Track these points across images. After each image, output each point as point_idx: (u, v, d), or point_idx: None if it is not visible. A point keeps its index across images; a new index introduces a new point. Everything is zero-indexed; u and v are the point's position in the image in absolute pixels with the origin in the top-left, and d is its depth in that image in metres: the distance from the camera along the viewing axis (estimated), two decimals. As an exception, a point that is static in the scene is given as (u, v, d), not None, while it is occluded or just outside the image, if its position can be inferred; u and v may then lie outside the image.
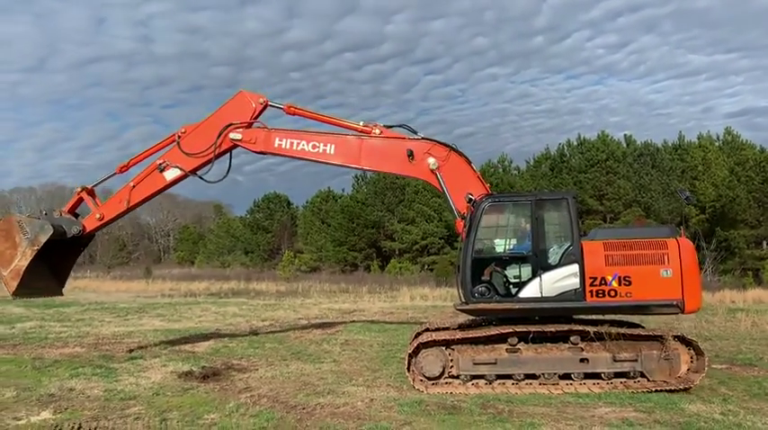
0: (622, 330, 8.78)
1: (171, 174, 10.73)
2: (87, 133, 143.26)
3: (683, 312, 8.78)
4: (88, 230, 11.07)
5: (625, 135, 48.95)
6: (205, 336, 14.67)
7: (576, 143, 47.59)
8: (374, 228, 51.71)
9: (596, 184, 43.47)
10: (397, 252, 50.49)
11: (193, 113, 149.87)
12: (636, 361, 8.76)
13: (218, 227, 72.66)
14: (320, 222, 55.40)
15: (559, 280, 8.87)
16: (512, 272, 9.27)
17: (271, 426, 6.99)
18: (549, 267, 8.99)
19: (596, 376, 8.84)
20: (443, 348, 9.06)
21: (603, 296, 8.73)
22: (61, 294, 12.03)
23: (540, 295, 8.89)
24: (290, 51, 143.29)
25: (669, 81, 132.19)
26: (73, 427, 6.92)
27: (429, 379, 8.93)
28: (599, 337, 8.74)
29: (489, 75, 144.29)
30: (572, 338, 8.84)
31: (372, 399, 8.21)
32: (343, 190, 59.03)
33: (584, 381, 8.79)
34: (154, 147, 11.04)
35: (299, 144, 10.39)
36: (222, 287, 35.52)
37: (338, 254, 51.53)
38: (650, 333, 8.86)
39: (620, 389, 8.56)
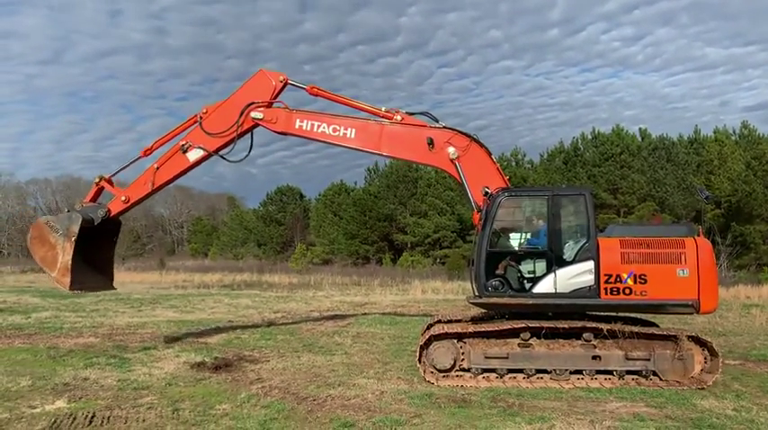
0: (636, 329, 8.72)
1: (194, 154, 10.71)
2: (102, 125, 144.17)
3: (698, 312, 8.71)
4: (114, 213, 11.05)
5: (640, 128, 48.46)
6: (218, 328, 14.78)
7: (590, 137, 47.16)
8: (386, 221, 51.73)
9: (610, 178, 43.10)
10: (409, 245, 50.48)
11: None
12: (649, 360, 8.69)
13: (231, 219, 73.01)
14: (333, 215, 55.52)
15: (574, 276, 8.80)
16: (526, 267, 9.22)
17: (281, 417, 7.03)
18: (564, 263, 8.92)
19: (608, 373, 8.80)
20: (455, 341, 9.06)
21: (618, 294, 8.66)
22: (113, 288, 12.06)
23: (554, 291, 8.83)
24: (303, 44, 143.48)
25: (686, 74, 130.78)
26: (87, 416, 7.00)
27: (440, 371, 8.94)
28: (612, 335, 8.70)
29: (503, 67, 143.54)
30: (585, 335, 8.79)
31: (383, 392, 8.24)
32: (355, 183, 59.17)
33: (595, 377, 8.76)
34: (176, 129, 11.02)
35: (319, 126, 10.33)
36: (235, 279, 35.74)
37: (350, 246, 51.62)
38: (664, 332, 8.79)
39: (632, 386, 8.52)
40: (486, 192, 9.34)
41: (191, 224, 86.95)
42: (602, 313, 9.23)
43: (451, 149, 9.70)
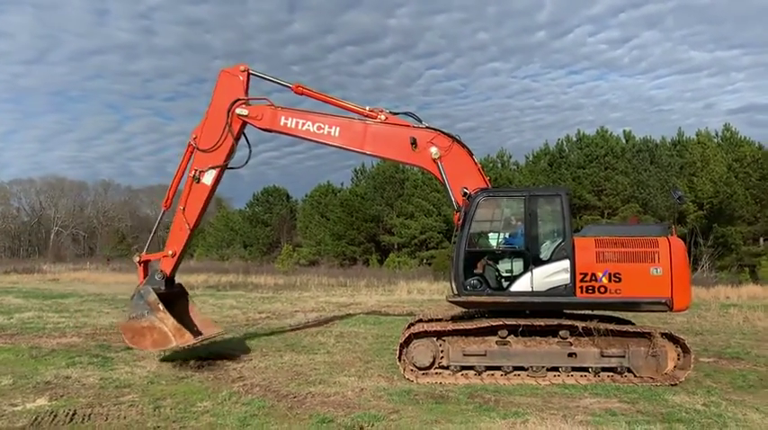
0: (610, 326, 8.91)
1: (207, 178, 10.52)
2: (88, 125, 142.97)
3: (671, 310, 8.91)
4: (169, 271, 10.59)
5: (624, 131, 48.90)
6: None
7: (574, 139, 47.62)
8: (373, 222, 51.85)
9: (595, 180, 43.53)
10: (395, 246, 50.62)
11: (195, 106, 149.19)
12: (623, 357, 8.89)
13: (217, 220, 72.70)
14: (319, 216, 55.53)
15: (550, 275, 8.99)
16: (504, 266, 9.41)
17: (262, 414, 7.14)
18: (541, 262, 9.11)
19: (584, 370, 8.99)
20: (434, 339, 9.21)
21: (593, 292, 8.85)
22: (221, 332, 11.69)
23: (530, 289, 9.01)
24: (292, 44, 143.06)
25: (671, 77, 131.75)
26: (68, 414, 7.07)
27: (419, 369, 9.09)
28: (587, 333, 8.89)
29: (491, 69, 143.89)
30: (561, 333, 8.98)
31: (363, 389, 8.38)
32: (342, 184, 59.18)
33: (571, 373, 8.95)
34: (179, 169, 10.75)
35: (304, 124, 10.34)
36: (220, 280, 35.67)
37: (337, 247, 51.68)
38: (638, 330, 8.99)
39: (607, 382, 8.71)
40: (465, 193, 9.49)
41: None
42: (577, 311, 9.40)
43: (434, 149, 9.81)
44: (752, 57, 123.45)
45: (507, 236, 9.78)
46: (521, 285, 9.09)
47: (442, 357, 9.17)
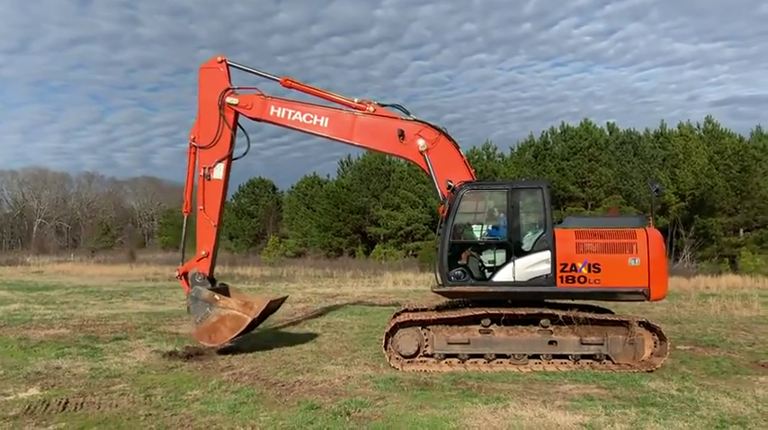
0: (590, 315, 9.18)
1: (218, 173, 10.60)
2: (71, 116, 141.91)
3: (648, 299, 9.18)
4: (208, 271, 10.67)
5: (608, 123, 49.53)
6: (189, 319, 14.90)
7: (559, 131, 48.08)
8: (359, 213, 52.06)
9: (578, 172, 44.02)
10: (381, 237, 50.89)
11: (179, 96, 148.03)
12: (602, 344, 9.16)
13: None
14: (305, 207, 55.65)
15: (532, 265, 9.24)
16: (487, 257, 9.64)
17: (251, 401, 7.31)
18: (523, 253, 9.35)
19: (564, 357, 9.27)
20: (419, 328, 9.44)
21: (573, 282, 9.10)
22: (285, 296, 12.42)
23: (512, 280, 9.26)
24: (277, 35, 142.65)
25: (655, 69, 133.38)
26: (60, 402, 7.20)
27: (405, 357, 9.31)
28: (568, 321, 9.16)
29: (477, 61, 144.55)
30: (542, 321, 9.23)
31: (349, 377, 8.58)
32: (328, 175, 59.37)
33: (552, 361, 9.22)
34: (188, 172, 10.82)
35: (293, 114, 10.46)
36: (207, 271, 35.66)
37: (323, 239, 51.84)
38: (616, 318, 9.27)
39: (587, 369, 8.99)
40: (449, 186, 9.72)
41: (161, 216, 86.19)
42: (558, 301, 9.65)
43: (421, 141, 10.02)
44: (735, 49, 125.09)
45: (490, 227, 10.01)
46: (503, 275, 9.33)
47: (426, 346, 9.40)
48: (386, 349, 9.34)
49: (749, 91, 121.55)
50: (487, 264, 9.60)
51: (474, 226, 10.08)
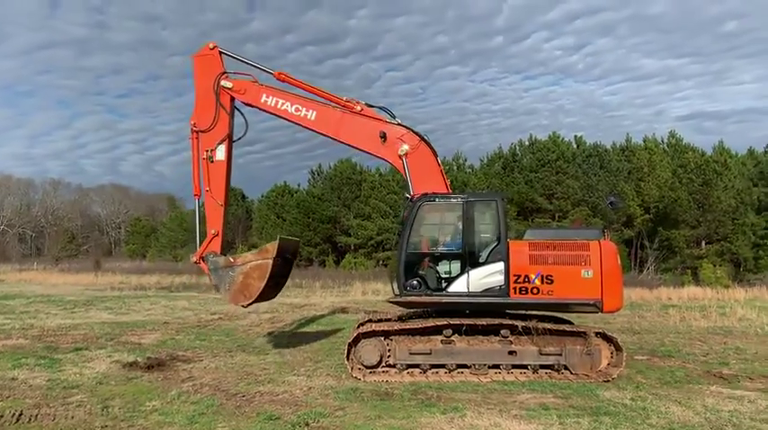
0: (548, 326, 9.36)
1: (220, 154, 10.90)
2: (38, 121, 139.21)
3: (601, 311, 9.28)
4: (219, 249, 10.93)
5: (575, 136, 50.41)
6: (152, 329, 14.80)
7: (527, 143, 48.78)
8: (330, 223, 51.97)
9: (546, 184, 44.63)
10: (352, 247, 50.84)
11: (149, 103, 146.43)
12: (560, 355, 9.33)
13: (170, 220, 71.63)
14: (275, 217, 55.30)
15: (486, 276, 9.42)
16: (443, 268, 9.81)
17: (210, 412, 7.30)
18: (477, 264, 9.53)
19: (523, 367, 9.41)
20: (382, 338, 9.51)
21: (526, 293, 9.24)
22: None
23: (467, 290, 9.43)
24: (251, 43, 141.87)
25: (623, 83, 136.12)
26: (14, 414, 7.09)
27: (367, 367, 9.37)
28: (527, 332, 9.31)
29: (449, 73, 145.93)
30: (502, 332, 9.38)
31: (311, 388, 8.61)
32: (299, 184, 59.11)
33: (511, 370, 9.36)
34: (193, 158, 11.06)
35: (283, 104, 10.72)
36: (174, 281, 35.30)
37: (293, 248, 51.51)
38: (574, 329, 9.46)
39: (545, 379, 9.15)
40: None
41: (129, 224, 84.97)
42: (519, 311, 9.81)
43: (401, 146, 10.25)
44: (700, 65, 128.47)
45: (446, 239, 10.23)
46: (458, 286, 9.50)
47: (389, 356, 9.47)
48: (348, 359, 9.39)
49: (713, 106, 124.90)
50: (443, 275, 9.77)
51: (430, 237, 10.27)
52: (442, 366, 9.41)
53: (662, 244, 41.79)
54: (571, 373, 9.29)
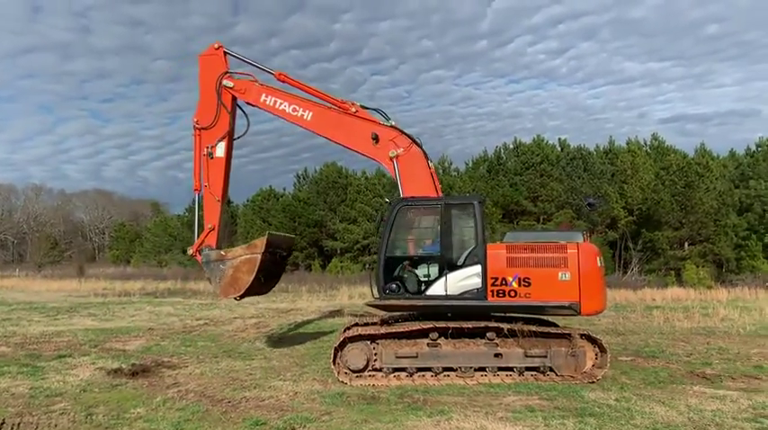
0: (533, 328, 9.41)
1: (219, 151, 11.15)
2: (19, 126, 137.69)
3: (579, 314, 9.21)
4: (214, 243, 11.16)
5: (559, 139, 50.77)
6: (137, 335, 14.69)
7: (512, 146, 49.07)
8: (316, 227, 51.85)
9: (531, 186, 44.89)
10: (338, 251, 50.78)
11: (133, 108, 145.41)
12: (545, 356, 9.37)
13: (154, 225, 71.13)
14: (261, 221, 55.02)
15: (463, 279, 9.47)
16: (422, 271, 9.87)
17: (195, 418, 7.26)
18: (455, 267, 9.58)
19: (509, 369, 9.45)
20: (368, 342, 9.52)
21: (504, 296, 9.25)
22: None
23: (445, 293, 9.48)
24: (236, 47, 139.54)
25: (606, 87, 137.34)
26: (-4, 423, 7.01)
27: (353, 372, 9.37)
28: (512, 334, 9.36)
29: (435, 77, 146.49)
30: (488, 334, 9.42)
31: (297, 392, 8.59)
32: (284, 189, 58.96)
33: (497, 373, 9.39)
34: (195, 154, 11.31)
35: (281, 104, 10.95)
36: (158, 286, 35.07)
37: (279, 253, 51.33)
38: (559, 331, 9.52)
39: (531, 381, 9.19)
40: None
41: (113, 230, 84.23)
42: (500, 314, 9.84)
43: (393, 148, 10.35)
44: (682, 69, 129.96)
45: (425, 242, 10.31)
46: (436, 289, 9.54)
47: (375, 360, 9.47)
48: (334, 364, 9.38)
49: (695, 109, 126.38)
50: (422, 278, 9.82)
51: (409, 240, 10.35)
52: (429, 369, 9.42)
53: (645, 245, 42.18)
54: (556, 375, 9.33)
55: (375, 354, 9.47)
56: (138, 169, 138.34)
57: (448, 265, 9.56)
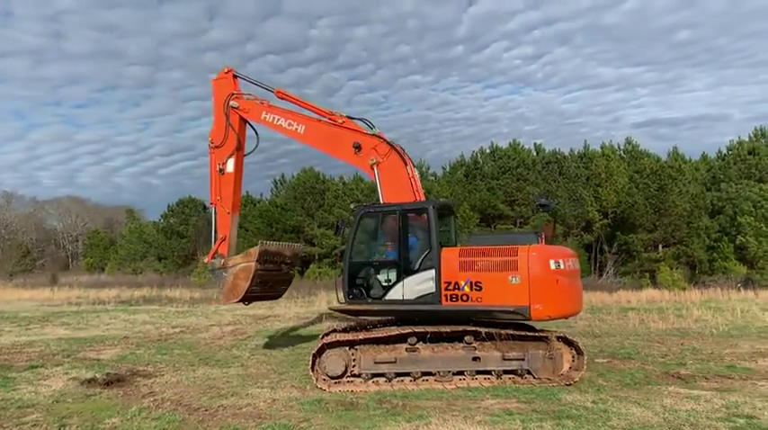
0: (510, 331, 9.45)
1: (229, 167, 11.87)
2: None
3: (528, 319, 8.99)
4: (226, 252, 11.69)
5: (535, 143, 51.27)
6: (112, 344, 14.47)
7: (488, 151, 49.43)
8: (293, 232, 51.57)
9: (508, 190, 45.19)
10: (316, 257, 50.58)
11: (107, 113, 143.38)
12: (523, 360, 9.42)
13: (129, 232, 70.16)
14: (238, 227, 54.70)
15: (419, 284, 9.61)
16: (382, 276, 10.06)
17: (172, 428, 7.17)
18: (411, 272, 9.72)
19: (487, 373, 9.48)
20: (347, 348, 9.49)
21: (457, 300, 9.27)
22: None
23: (402, 298, 9.63)
24: (211, 52, 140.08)
25: (581, 92, 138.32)
26: (-35, 436, 6.86)
27: (332, 378, 9.33)
28: (490, 337, 9.40)
29: (412, 82, 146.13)
30: (466, 338, 9.45)
31: (275, 400, 8.53)
32: (261, 194, 58.61)
33: (476, 377, 9.42)
34: (210, 171, 12.05)
35: (278, 120, 11.59)
36: (133, 294, 34.51)
37: (256, 259, 50.97)
38: (536, 334, 9.58)
39: (509, 384, 9.23)
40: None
41: (86, 237, 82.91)
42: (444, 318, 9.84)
43: (373, 156, 10.60)
44: (655, 74, 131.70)
45: (384, 248, 10.49)
46: (395, 294, 9.74)
47: (354, 366, 9.45)
48: (313, 370, 9.34)
49: (667, 113, 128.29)
50: (383, 283, 10.01)
51: (370, 246, 10.60)
52: (407, 374, 9.43)
53: (620, 248, 42.71)
54: (534, 378, 9.39)
55: (354, 360, 9.45)
56: (113, 175, 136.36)
57: (405, 270, 9.76)
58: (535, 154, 49.53)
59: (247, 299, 11.32)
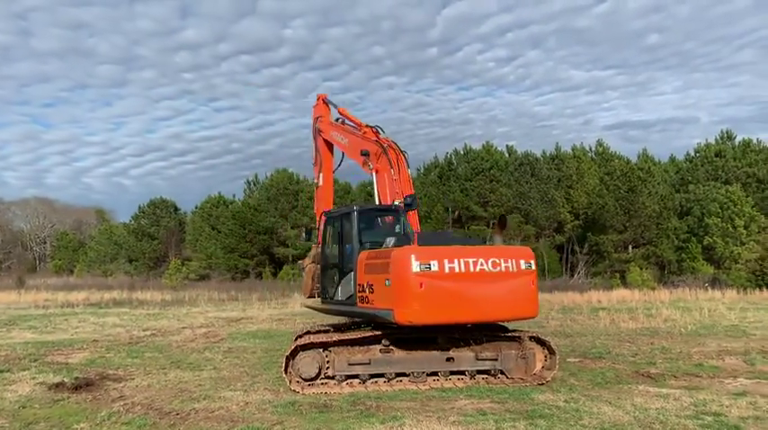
0: (484, 331, 9.50)
1: (321, 181, 13.35)
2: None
3: (394, 323, 8.62)
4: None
5: (507, 145, 51.81)
6: (81, 348, 14.20)
7: (462, 152, 49.71)
8: (266, 234, 51.31)
9: (481, 192, 45.55)
10: (290, 258, 50.32)
11: (77, 113, 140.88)
12: (496, 360, 9.49)
13: (99, 233, 69.13)
14: (210, 228, 54.13)
15: (346, 285, 10.06)
16: (333, 277, 10.66)
17: (142, 433, 7.04)
18: (344, 274, 10.15)
19: (461, 373, 9.52)
20: (320, 350, 9.44)
21: (363, 302, 9.32)
22: None
23: (339, 298, 10.23)
24: (184, 51, 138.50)
25: (553, 94, 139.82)
26: (-73, 444, 6.66)
27: (305, 380, 9.26)
28: (464, 338, 9.43)
29: (386, 83, 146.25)
30: (439, 339, 9.48)
31: (248, 403, 8.43)
32: (234, 195, 58.15)
33: (449, 377, 9.45)
34: (316, 187, 13.53)
35: (337, 136, 12.63)
36: (103, 297, 33.95)
37: (229, 261, 50.65)
38: (509, 334, 9.64)
39: (482, 384, 9.28)
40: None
41: (54, 239, 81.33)
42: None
43: (374, 161, 11.25)
44: (625, 77, 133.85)
45: (334, 250, 10.89)
46: (337, 295, 10.42)
47: (327, 367, 9.40)
48: (286, 373, 9.26)
49: (637, 116, 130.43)
50: (333, 284, 10.62)
51: (327, 249, 11.16)
52: (381, 376, 9.41)
53: (591, 249, 43.31)
54: (507, 378, 9.46)
55: (327, 362, 9.40)
56: (82, 176, 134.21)
57: (341, 272, 10.27)
58: (508, 155, 50.02)
59: (314, 295, 11.96)
